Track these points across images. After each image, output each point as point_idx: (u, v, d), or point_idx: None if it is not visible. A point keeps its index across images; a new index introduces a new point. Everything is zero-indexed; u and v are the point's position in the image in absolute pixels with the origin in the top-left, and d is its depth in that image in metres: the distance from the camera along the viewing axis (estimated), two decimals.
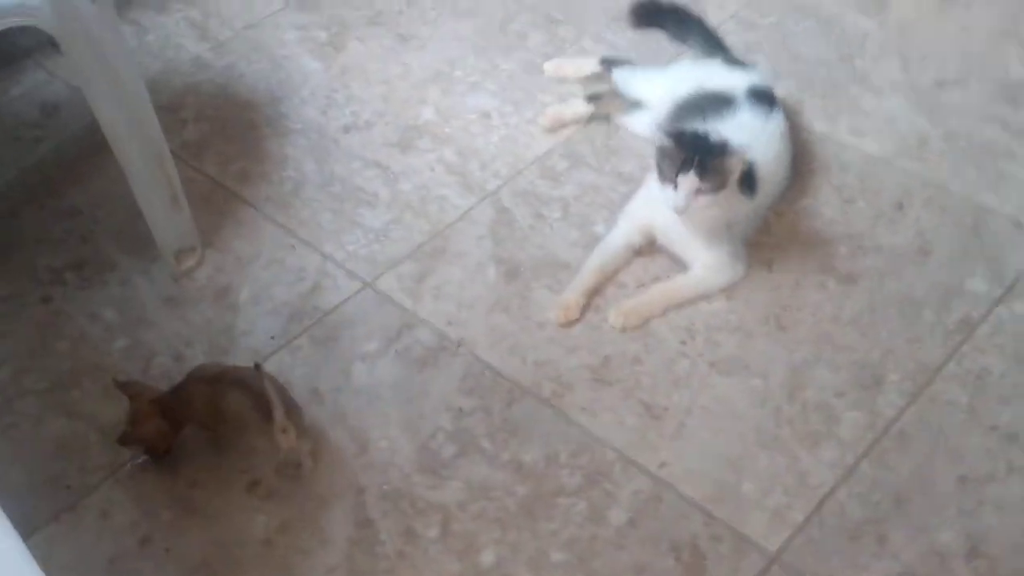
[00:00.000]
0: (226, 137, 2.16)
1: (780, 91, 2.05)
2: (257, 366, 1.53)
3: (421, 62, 2.31)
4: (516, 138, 2.10)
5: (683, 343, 1.71)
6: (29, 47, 2.40)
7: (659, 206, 1.75)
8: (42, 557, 0.93)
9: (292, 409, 1.54)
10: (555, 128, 2.11)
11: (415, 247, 1.90)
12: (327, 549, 1.49)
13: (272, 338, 1.77)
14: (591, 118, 2.11)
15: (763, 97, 1.92)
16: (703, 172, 1.65)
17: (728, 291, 1.78)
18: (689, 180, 1.66)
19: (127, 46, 1.72)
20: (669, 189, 1.69)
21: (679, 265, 1.81)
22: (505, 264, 1.86)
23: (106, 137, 1.74)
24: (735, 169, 1.66)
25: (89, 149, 2.14)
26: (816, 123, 2.08)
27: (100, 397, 1.71)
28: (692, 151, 1.66)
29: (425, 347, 1.74)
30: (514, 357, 1.71)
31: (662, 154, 1.70)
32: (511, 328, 1.75)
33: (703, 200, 1.67)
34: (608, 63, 2.16)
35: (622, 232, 1.84)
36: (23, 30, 1.61)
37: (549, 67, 2.24)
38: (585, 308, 1.77)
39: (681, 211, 1.68)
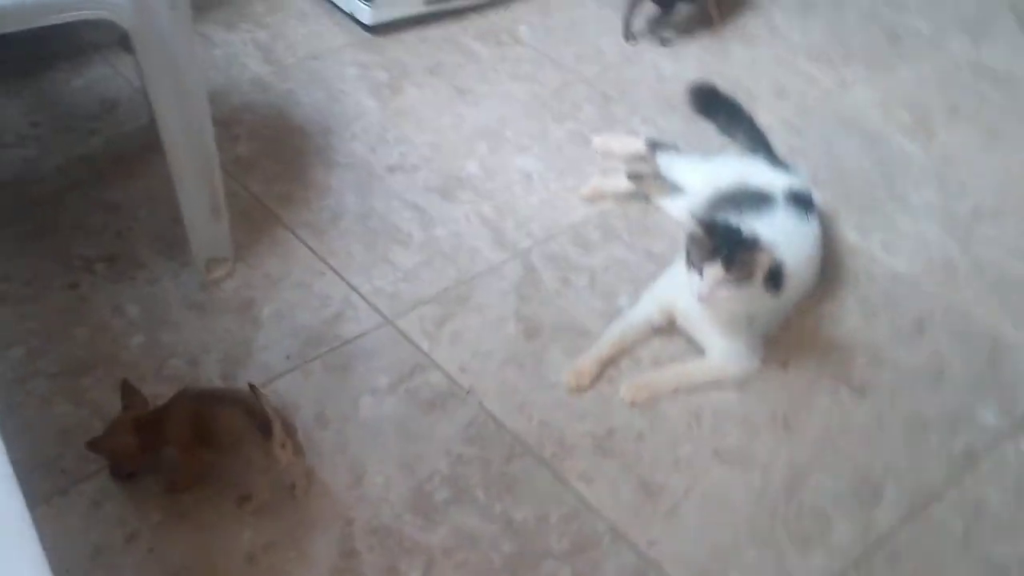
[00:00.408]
0: (274, 159, 2.21)
1: (818, 198, 2.08)
2: (252, 387, 1.54)
3: (474, 117, 2.36)
4: (554, 203, 2.14)
5: (689, 427, 1.72)
6: (97, 42, 2.47)
7: (683, 289, 1.77)
8: None
9: (289, 426, 1.55)
10: (594, 199, 2.15)
11: (440, 291, 1.93)
12: (309, 573, 1.49)
13: (287, 358, 1.79)
14: (630, 195, 2.15)
15: (801, 200, 1.95)
16: (729, 264, 1.67)
17: (740, 383, 1.80)
18: (715, 270, 1.68)
19: (195, 57, 1.77)
20: (695, 276, 1.71)
21: (696, 349, 1.83)
22: (526, 322, 1.88)
23: (161, 139, 1.78)
24: (762, 265, 1.68)
25: (140, 149, 2.20)
26: (849, 234, 2.11)
27: (109, 389, 1.72)
28: (721, 242, 1.69)
29: (435, 390, 1.75)
30: (521, 413, 1.72)
31: (692, 240, 1.73)
32: (522, 385, 1.77)
33: (726, 291, 1.69)
34: (654, 145, 2.20)
35: (644, 309, 1.86)
36: (95, 24, 1.66)
37: (597, 141, 2.29)
38: (597, 377, 1.78)
39: (703, 299, 1.70)
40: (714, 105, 2.35)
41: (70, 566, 1.48)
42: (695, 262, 1.71)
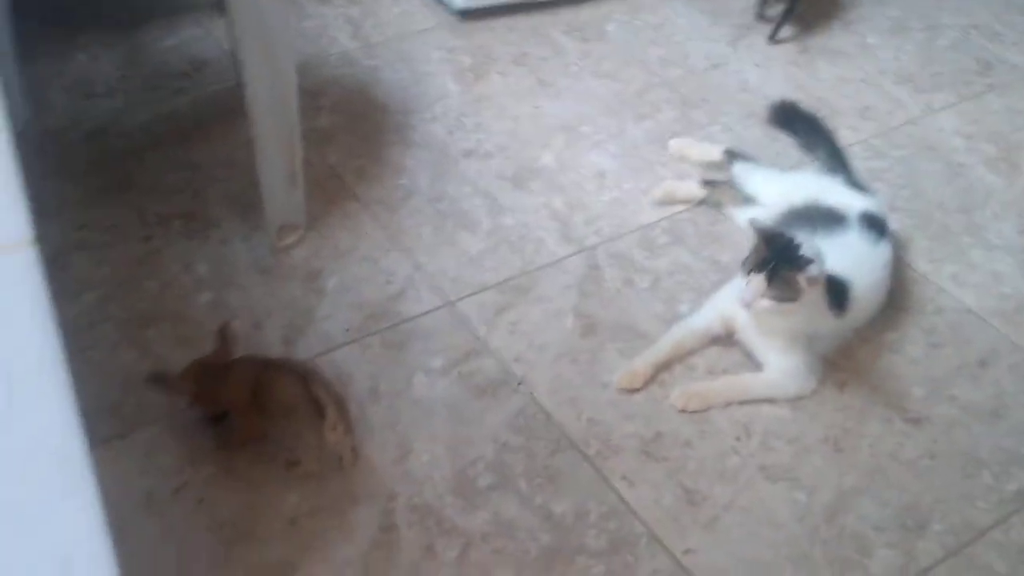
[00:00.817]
0: (354, 133, 2.24)
1: (893, 223, 2.06)
2: (310, 368, 1.57)
3: (553, 109, 2.37)
4: (625, 203, 2.14)
5: (738, 439, 1.72)
6: (193, 3, 2.53)
7: None
8: None
9: (342, 406, 1.58)
10: (665, 203, 2.14)
11: (502, 280, 1.94)
12: (348, 543, 1.52)
13: (347, 330, 1.82)
14: (702, 202, 2.14)
15: (875, 224, 1.93)
16: (773, 278, 1.66)
17: (794, 401, 1.78)
18: (758, 281, 1.67)
19: (289, 25, 1.80)
20: (743, 281, 1.71)
21: (753, 363, 1.82)
22: (584, 318, 1.89)
23: (246, 103, 1.81)
24: (806, 288, 1.66)
25: (224, 111, 2.24)
26: (920, 262, 2.08)
27: (173, 342, 1.77)
28: (773, 255, 1.68)
29: (487, 376, 1.77)
30: (570, 408, 1.73)
31: (754, 247, 1.72)
32: (574, 380, 1.78)
33: (767, 304, 1.68)
34: (731, 154, 2.19)
35: (705, 317, 1.85)
36: None
37: (674, 144, 2.28)
38: (650, 380, 1.78)
39: (744, 306, 1.70)
40: (795, 121, 2.33)
41: (121, 509, 1.51)
42: (746, 267, 1.71)
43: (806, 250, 1.67)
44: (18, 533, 0.86)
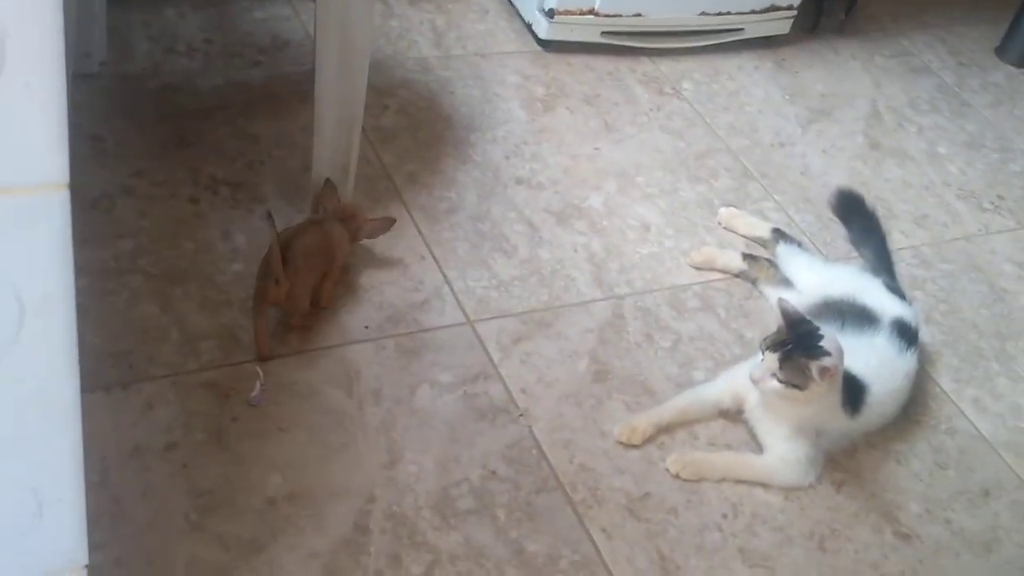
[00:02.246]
0: (414, 139, 2.27)
1: (925, 335, 2.04)
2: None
3: (612, 154, 2.38)
4: (663, 259, 2.14)
5: (724, 516, 1.71)
6: None
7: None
8: None
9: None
10: (703, 268, 2.14)
11: (527, 310, 1.95)
12: (319, 535, 1.53)
13: (366, 327, 1.84)
14: (740, 274, 2.14)
15: (906, 332, 1.91)
16: (785, 360, 1.65)
17: (789, 492, 1.77)
18: (771, 360, 1.67)
19: (372, 21, 1.83)
20: (758, 356, 1.71)
21: (756, 444, 1.81)
22: (598, 364, 1.89)
23: (315, 89, 1.84)
24: (816, 379, 1.65)
25: (294, 93, 2.28)
26: (944, 379, 2.06)
27: (197, 305, 1.80)
28: (792, 338, 1.67)
29: (491, 401, 1.78)
30: (565, 450, 1.73)
31: (778, 327, 1.72)
32: (575, 423, 1.78)
33: (775, 385, 1.67)
34: (779, 234, 2.19)
35: (717, 388, 1.85)
36: None
37: (724, 213, 2.28)
38: (650, 440, 1.78)
39: (752, 380, 1.70)
40: (855, 213, 2.32)
41: (107, 455, 1.55)
42: (763, 344, 1.70)
43: (826, 342, 1.67)
44: None
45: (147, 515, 1.50)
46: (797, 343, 1.66)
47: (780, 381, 1.66)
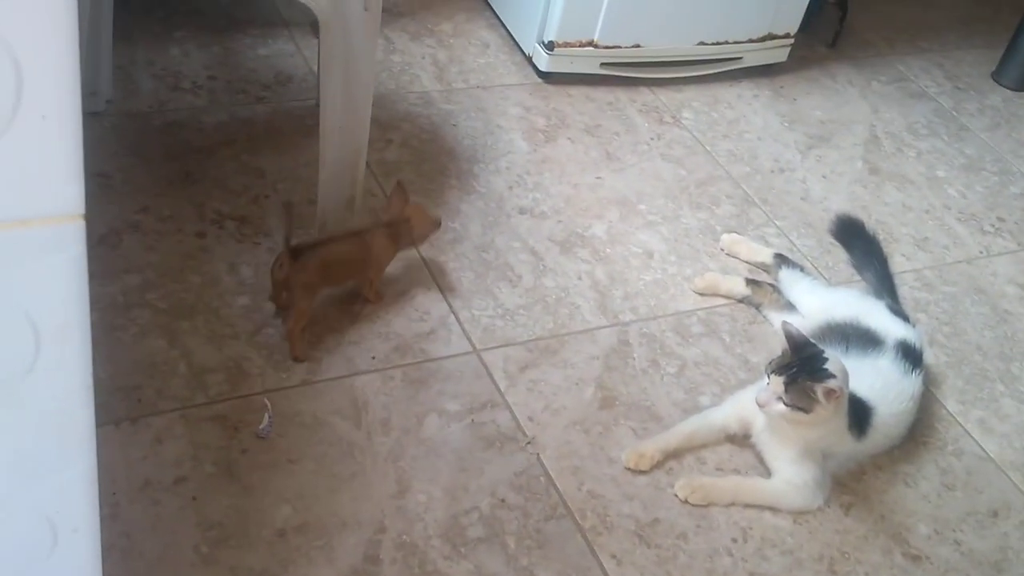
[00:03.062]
0: (418, 171, 2.29)
1: (929, 357, 2.05)
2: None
3: (614, 183, 2.40)
4: (667, 286, 2.16)
5: (734, 541, 1.71)
6: (290, 20, 2.61)
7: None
8: None
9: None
10: (706, 294, 2.15)
11: (532, 338, 1.96)
12: (329, 566, 1.53)
13: (373, 358, 1.84)
14: (743, 299, 2.15)
15: (910, 355, 1.92)
16: (790, 383, 1.66)
17: (798, 515, 1.77)
18: (776, 383, 1.67)
19: (374, 56, 1.86)
20: (764, 380, 1.71)
21: (764, 468, 1.81)
22: (604, 391, 1.90)
23: (320, 124, 1.87)
24: (822, 401, 1.66)
25: (298, 128, 2.31)
26: (949, 402, 2.06)
27: (204, 338, 1.81)
28: (797, 361, 1.68)
29: (499, 429, 1.78)
30: (573, 477, 1.74)
31: (784, 351, 1.73)
32: (583, 450, 1.78)
33: (781, 408, 1.68)
34: (781, 259, 2.20)
35: (724, 413, 1.85)
36: (293, 4, 1.76)
37: (726, 239, 2.29)
38: (658, 465, 1.78)
39: (759, 404, 1.70)
40: (855, 238, 2.34)
41: (118, 489, 1.55)
42: (769, 368, 1.71)
43: (831, 365, 1.67)
44: (13, 487, 0.89)
45: (158, 549, 1.50)
46: (802, 366, 1.66)
47: (786, 404, 1.67)
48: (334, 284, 1.89)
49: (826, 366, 1.66)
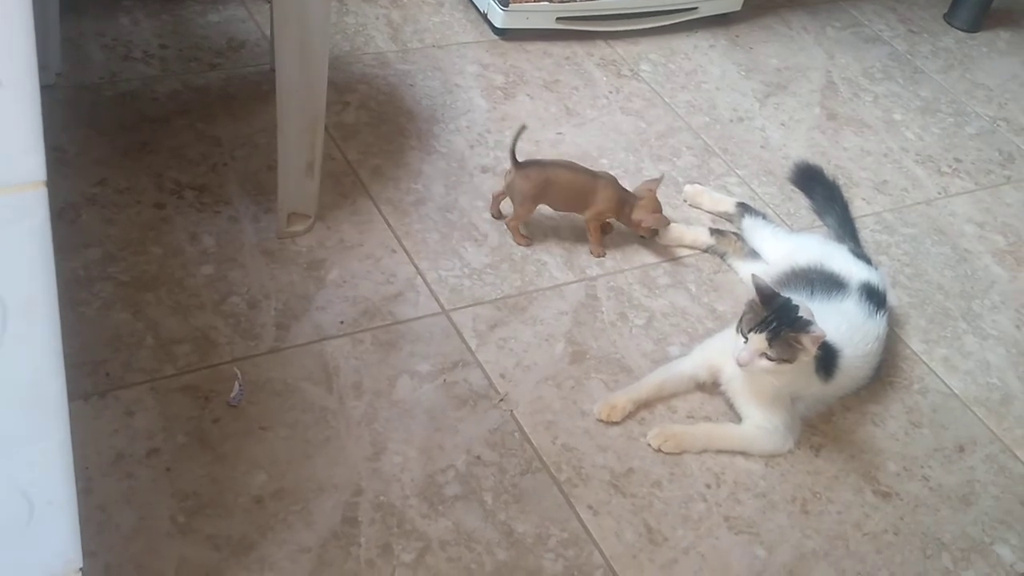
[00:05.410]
0: (376, 133, 2.27)
1: (893, 298, 2.07)
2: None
3: (575, 138, 2.39)
4: (631, 239, 2.16)
5: (707, 486, 1.73)
6: None
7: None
8: None
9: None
10: (671, 245, 2.16)
11: (500, 296, 1.96)
12: (308, 530, 1.53)
13: (341, 323, 1.84)
14: (708, 249, 2.16)
15: (875, 296, 1.94)
16: (773, 339, 1.67)
17: (770, 459, 1.80)
18: (758, 340, 1.68)
19: (328, 19, 1.83)
20: (740, 340, 1.72)
21: (734, 415, 1.84)
22: (574, 346, 1.90)
23: (276, 89, 1.84)
24: (807, 349, 1.68)
25: (253, 94, 2.28)
26: (913, 341, 2.09)
27: (169, 310, 1.80)
28: (774, 315, 1.69)
29: (471, 388, 1.79)
30: (547, 431, 1.75)
31: (749, 306, 1.74)
32: (555, 404, 1.79)
33: (765, 364, 1.69)
34: (743, 208, 2.21)
35: (693, 362, 1.87)
36: None
37: (689, 190, 2.30)
38: (629, 416, 1.80)
39: (742, 364, 1.70)
40: (815, 184, 2.35)
41: (90, 463, 1.54)
42: (743, 327, 1.72)
43: (803, 312, 1.69)
44: None
45: (133, 521, 1.50)
46: (780, 319, 1.67)
47: (771, 359, 1.68)
48: (550, 204, 2.08)
49: (800, 314, 1.68)
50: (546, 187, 2.02)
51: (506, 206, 2.10)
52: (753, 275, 1.78)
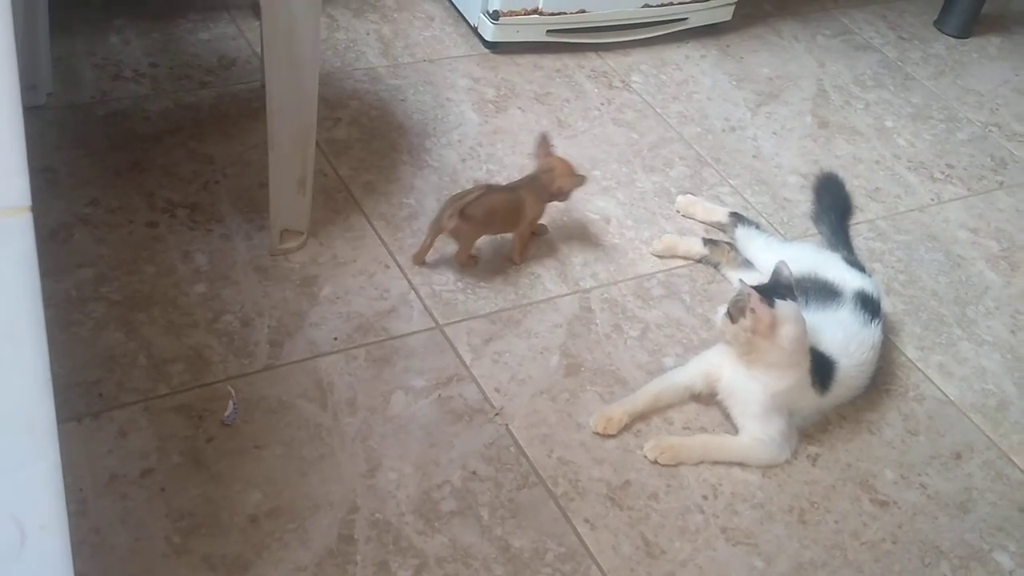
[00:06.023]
0: (368, 149, 2.27)
1: (886, 306, 2.07)
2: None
3: (567, 150, 2.39)
4: (626, 251, 2.16)
5: (704, 498, 1.72)
6: (230, 2, 2.57)
7: (730, 364, 1.78)
8: None
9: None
10: (665, 256, 2.16)
11: (495, 310, 1.96)
12: (304, 548, 1.52)
13: (335, 339, 1.83)
14: (701, 259, 2.16)
15: (869, 305, 1.94)
16: (736, 300, 1.75)
17: (767, 469, 1.79)
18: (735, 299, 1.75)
19: (318, 35, 1.83)
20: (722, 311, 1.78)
21: (730, 425, 1.83)
22: (569, 358, 1.90)
23: (266, 106, 1.84)
24: (747, 318, 1.71)
25: (245, 111, 2.28)
26: (909, 348, 2.09)
27: (162, 329, 1.79)
28: (765, 287, 1.78)
29: (466, 403, 1.78)
30: (543, 445, 1.74)
31: (734, 302, 1.75)
32: (551, 418, 1.79)
33: (726, 326, 1.75)
34: (736, 217, 2.21)
35: (689, 372, 1.86)
36: None
37: (681, 200, 2.30)
38: (625, 428, 1.79)
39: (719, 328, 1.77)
40: (827, 193, 2.34)
41: (84, 485, 1.53)
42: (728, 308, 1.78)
43: (789, 308, 1.74)
44: None
45: (128, 542, 1.49)
46: (767, 289, 1.75)
47: (727, 315, 1.75)
48: (490, 232, 2.05)
49: (783, 295, 1.73)
50: (489, 218, 1.97)
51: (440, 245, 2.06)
52: (740, 279, 1.79)
